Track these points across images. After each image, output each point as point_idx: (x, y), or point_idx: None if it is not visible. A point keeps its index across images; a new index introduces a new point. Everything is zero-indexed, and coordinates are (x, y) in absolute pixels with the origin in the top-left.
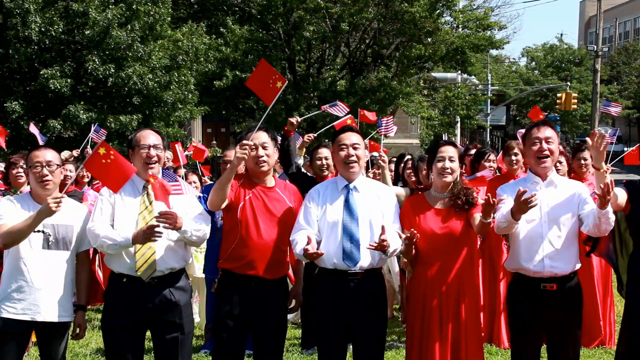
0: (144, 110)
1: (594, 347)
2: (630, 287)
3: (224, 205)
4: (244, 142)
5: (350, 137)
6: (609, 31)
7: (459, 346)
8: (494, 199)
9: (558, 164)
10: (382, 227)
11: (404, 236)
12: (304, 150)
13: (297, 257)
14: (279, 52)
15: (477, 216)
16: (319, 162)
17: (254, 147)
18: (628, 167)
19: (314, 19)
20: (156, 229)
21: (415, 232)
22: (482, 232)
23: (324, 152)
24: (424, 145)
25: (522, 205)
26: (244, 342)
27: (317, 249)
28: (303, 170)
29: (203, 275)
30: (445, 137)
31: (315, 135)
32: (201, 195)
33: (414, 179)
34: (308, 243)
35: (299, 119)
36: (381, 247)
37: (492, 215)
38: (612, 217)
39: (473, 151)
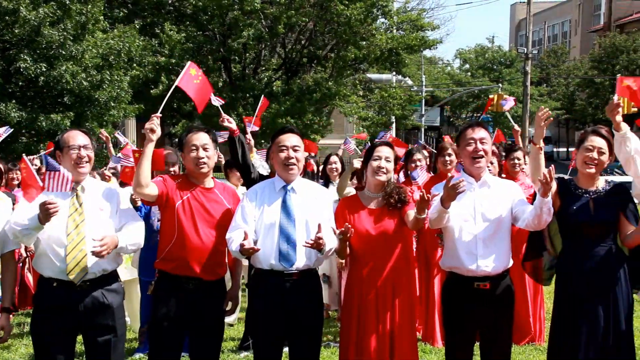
0: (76, 109)
1: (524, 344)
2: (558, 284)
3: (149, 191)
4: (154, 115)
5: (291, 139)
6: (538, 34)
7: (394, 345)
8: (428, 195)
9: (489, 164)
10: (319, 225)
11: (338, 232)
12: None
13: (233, 254)
14: (215, 53)
15: (411, 212)
16: None
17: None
18: (561, 169)
19: (250, 19)
20: (50, 204)
21: (349, 226)
22: (415, 227)
23: None
24: (359, 146)
25: (450, 192)
26: (180, 345)
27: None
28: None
29: (130, 277)
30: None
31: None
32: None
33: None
34: (245, 239)
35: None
36: (317, 245)
37: (426, 211)
38: (552, 209)
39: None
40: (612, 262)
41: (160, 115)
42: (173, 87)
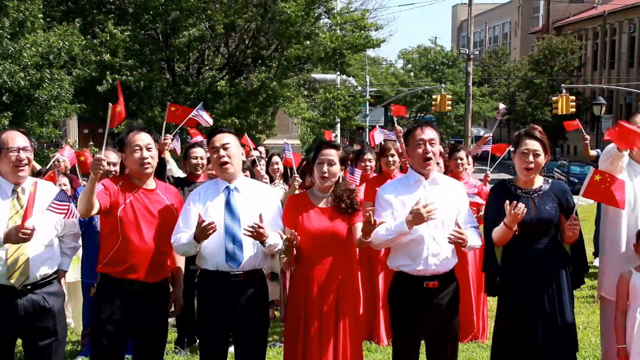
0: (15, 108)
1: (467, 341)
2: (502, 282)
3: (94, 212)
4: (98, 156)
5: (220, 139)
6: (479, 35)
7: (338, 344)
8: (375, 219)
9: (436, 164)
10: (260, 216)
11: (285, 236)
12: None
13: (182, 249)
14: (158, 53)
15: (359, 226)
16: (194, 162)
17: (107, 161)
18: (504, 169)
19: (191, 19)
20: (26, 229)
21: (295, 233)
22: (360, 247)
23: (198, 151)
24: (304, 146)
25: (419, 213)
26: (124, 347)
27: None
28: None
29: (76, 279)
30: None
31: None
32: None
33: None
34: (199, 218)
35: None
36: (257, 233)
37: (371, 235)
38: (478, 243)
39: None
40: (554, 258)
41: (104, 158)
42: (106, 133)
